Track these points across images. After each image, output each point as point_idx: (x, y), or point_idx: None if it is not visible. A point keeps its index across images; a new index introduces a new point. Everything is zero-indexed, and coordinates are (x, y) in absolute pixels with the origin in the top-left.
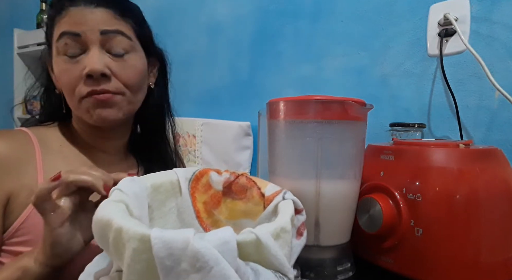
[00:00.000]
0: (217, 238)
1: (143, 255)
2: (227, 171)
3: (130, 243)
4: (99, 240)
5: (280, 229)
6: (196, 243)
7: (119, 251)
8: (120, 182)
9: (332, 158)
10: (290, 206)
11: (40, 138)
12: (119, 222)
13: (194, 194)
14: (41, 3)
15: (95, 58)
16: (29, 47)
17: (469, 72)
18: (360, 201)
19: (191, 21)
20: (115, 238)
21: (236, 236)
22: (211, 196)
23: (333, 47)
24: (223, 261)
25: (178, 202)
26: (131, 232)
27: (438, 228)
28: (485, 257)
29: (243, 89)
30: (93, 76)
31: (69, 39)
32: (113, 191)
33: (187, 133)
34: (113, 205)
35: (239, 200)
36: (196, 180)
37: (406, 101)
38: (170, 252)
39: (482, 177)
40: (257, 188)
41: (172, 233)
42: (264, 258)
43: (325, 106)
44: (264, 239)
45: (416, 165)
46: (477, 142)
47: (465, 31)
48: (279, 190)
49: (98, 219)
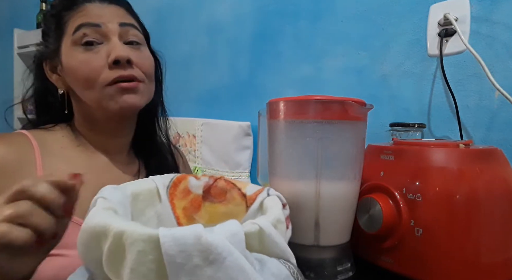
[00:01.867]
0: (226, 230)
1: (149, 256)
2: (205, 176)
3: (134, 246)
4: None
5: (276, 220)
6: (209, 236)
7: (117, 258)
8: (103, 190)
9: (332, 158)
10: (277, 201)
11: (40, 141)
12: (119, 226)
13: (173, 201)
14: (41, 3)
15: (120, 46)
16: (29, 47)
17: (469, 72)
18: (360, 201)
19: (191, 21)
20: (114, 243)
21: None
22: (191, 201)
23: (333, 47)
24: (235, 251)
25: (158, 210)
26: (135, 234)
27: (438, 228)
28: (485, 257)
29: (243, 89)
30: (120, 62)
31: (89, 30)
32: (97, 199)
33: (187, 133)
34: (105, 212)
35: (218, 203)
36: (174, 187)
37: (406, 101)
38: (181, 248)
39: (482, 177)
40: (237, 189)
41: (182, 230)
42: (267, 247)
43: (325, 106)
44: (267, 228)
45: (416, 165)
46: (477, 142)
47: (465, 31)
48: (261, 189)
49: (91, 227)
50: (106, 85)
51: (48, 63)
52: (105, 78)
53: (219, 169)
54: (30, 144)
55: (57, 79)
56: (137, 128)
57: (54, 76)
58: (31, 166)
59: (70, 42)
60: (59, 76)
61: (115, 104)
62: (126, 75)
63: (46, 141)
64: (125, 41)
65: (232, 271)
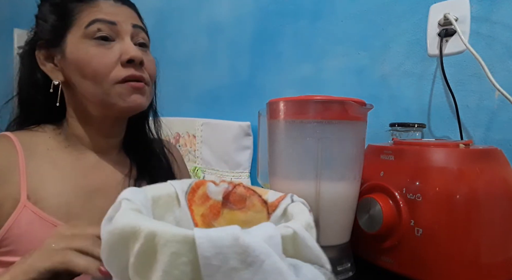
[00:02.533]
0: (263, 233)
1: (183, 258)
2: (224, 181)
3: (167, 247)
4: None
5: (307, 225)
6: (246, 238)
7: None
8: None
9: (332, 158)
10: (303, 206)
11: (24, 143)
12: (151, 226)
13: (191, 207)
14: None
15: (133, 46)
16: None
17: (469, 72)
18: (360, 201)
19: (191, 21)
20: (145, 245)
21: (279, 230)
22: (210, 208)
23: (333, 47)
24: (274, 254)
25: (177, 215)
26: (168, 234)
27: (438, 228)
28: (485, 257)
29: (243, 89)
30: (134, 61)
31: (103, 26)
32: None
33: (187, 133)
34: (133, 213)
35: (237, 210)
36: (193, 192)
37: (406, 101)
38: (217, 250)
39: (482, 177)
40: (257, 195)
41: (218, 231)
42: (300, 252)
43: (325, 106)
44: (301, 232)
45: (416, 165)
46: (477, 142)
47: (465, 31)
48: (283, 195)
49: (119, 228)
50: (116, 83)
51: (43, 52)
52: (116, 75)
53: (219, 169)
54: (13, 147)
55: (52, 69)
56: (128, 128)
57: (49, 65)
58: (13, 171)
59: (81, 34)
60: (55, 66)
61: (123, 103)
62: (137, 75)
63: (31, 143)
64: (135, 43)
65: (270, 275)
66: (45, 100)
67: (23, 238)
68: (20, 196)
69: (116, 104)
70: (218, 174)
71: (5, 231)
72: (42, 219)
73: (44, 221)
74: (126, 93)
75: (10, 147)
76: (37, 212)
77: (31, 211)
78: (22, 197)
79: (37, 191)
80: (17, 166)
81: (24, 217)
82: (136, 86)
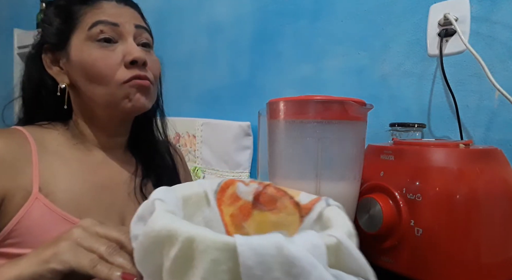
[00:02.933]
0: (307, 242)
1: (222, 266)
2: (254, 181)
3: (206, 254)
4: (145, 260)
5: (349, 232)
6: (291, 248)
7: (184, 267)
8: (157, 191)
9: (332, 158)
10: (340, 211)
11: (36, 138)
12: (189, 231)
13: (220, 207)
14: (41, 3)
15: (136, 47)
16: (29, 47)
17: (469, 72)
18: (360, 201)
19: (191, 21)
20: (181, 250)
21: (323, 239)
22: (240, 208)
23: (333, 47)
24: (319, 265)
25: (206, 215)
26: (208, 241)
27: (438, 228)
28: (485, 257)
29: (243, 89)
30: (138, 62)
31: (106, 27)
32: (154, 201)
33: (187, 133)
34: (169, 215)
35: (268, 211)
36: (222, 192)
37: (406, 101)
38: (260, 259)
39: (482, 177)
40: (289, 197)
41: (260, 239)
42: (342, 262)
43: (325, 106)
44: (345, 241)
45: (416, 165)
46: (477, 142)
47: (465, 31)
48: (317, 198)
49: (155, 231)
50: (123, 83)
51: (49, 55)
52: (121, 76)
53: (219, 169)
54: (26, 140)
55: (58, 72)
56: (135, 128)
57: (55, 68)
58: (27, 163)
59: (84, 37)
60: (60, 69)
61: (127, 103)
62: (142, 75)
63: (43, 138)
64: (138, 43)
65: None
66: (51, 103)
67: (32, 230)
68: (32, 188)
69: (121, 104)
70: (218, 174)
71: (16, 223)
72: (53, 212)
73: (55, 214)
74: (132, 92)
75: (23, 140)
76: (48, 205)
77: (42, 204)
78: (34, 189)
79: (49, 185)
80: (30, 159)
81: (35, 209)
82: (142, 83)
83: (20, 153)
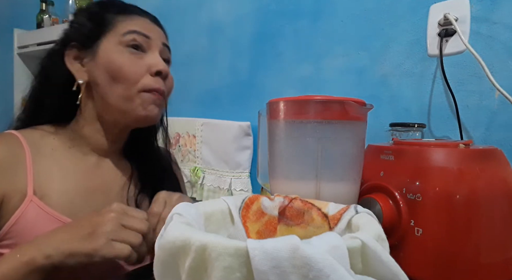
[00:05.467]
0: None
1: (236, 273)
2: (279, 196)
3: (219, 261)
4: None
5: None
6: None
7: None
8: (177, 207)
9: (332, 158)
10: (370, 217)
11: (30, 142)
12: (201, 238)
13: (245, 224)
14: (41, 3)
15: (162, 61)
16: (29, 47)
17: (469, 72)
18: (360, 201)
19: (191, 21)
20: (195, 259)
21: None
22: (266, 224)
23: (333, 47)
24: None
25: (231, 233)
26: (220, 247)
27: (438, 228)
28: (485, 257)
29: (243, 89)
30: (162, 74)
31: (139, 37)
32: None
33: (187, 133)
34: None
35: (295, 225)
36: (247, 208)
37: (406, 101)
38: (274, 263)
39: (482, 177)
40: (316, 209)
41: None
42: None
43: (325, 106)
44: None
45: (416, 165)
46: (477, 142)
47: (465, 31)
48: (346, 207)
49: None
50: (143, 91)
51: (74, 51)
52: (145, 84)
53: (219, 169)
54: (20, 144)
55: (79, 69)
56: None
57: (76, 65)
58: (21, 167)
59: (117, 41)
60: (82, 66)
61: (142, 110)
62: (161, 89)
63: (36, 142)
64: (162, 58)
65: None
66: (56, 102)
67: (27, 231)
68: (27, 191)
69: (135, 111)
70: (218, 174)
71: (12, 224)
72: (47, 213)
73: (50, 215)
74: (148, 101)
75: (17, 144)
76: (43, 207)
77: (37, 206)
78: (28, 192)
79: (43, 188)
80: (24, 163)
81: (30, 211)
82: (158, 97)
83: (15, 157)
